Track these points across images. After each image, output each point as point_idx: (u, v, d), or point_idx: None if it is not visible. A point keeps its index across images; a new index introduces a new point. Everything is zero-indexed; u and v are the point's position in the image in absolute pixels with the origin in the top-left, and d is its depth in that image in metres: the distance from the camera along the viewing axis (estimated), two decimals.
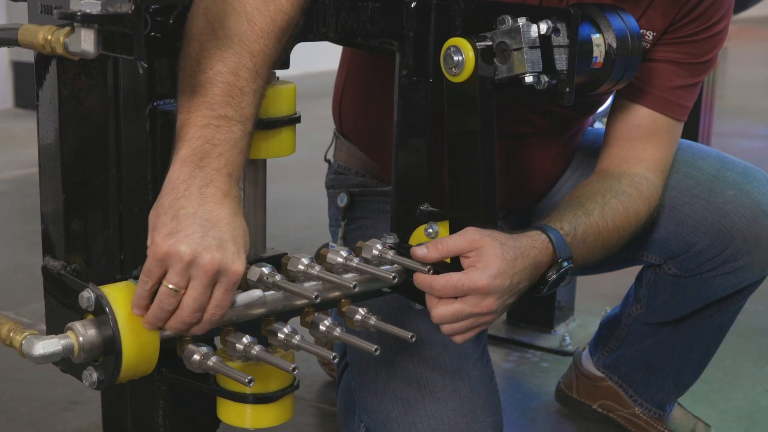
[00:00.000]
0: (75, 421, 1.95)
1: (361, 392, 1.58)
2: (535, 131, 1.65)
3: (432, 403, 1.50)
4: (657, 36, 1.50)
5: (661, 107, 1.54)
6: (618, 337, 1.88)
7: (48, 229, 1.29)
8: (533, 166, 1.69)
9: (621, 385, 1.92)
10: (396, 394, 1.53)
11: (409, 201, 1.38)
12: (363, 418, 1.58)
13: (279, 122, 1.20)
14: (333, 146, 1.82)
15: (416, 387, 1.52)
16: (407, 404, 1.52)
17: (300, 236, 3.20)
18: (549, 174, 1.74)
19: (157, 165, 1.20)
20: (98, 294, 1.09)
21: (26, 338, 1.08)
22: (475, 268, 1.24)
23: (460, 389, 1.52)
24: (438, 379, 1.51)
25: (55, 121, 1.24)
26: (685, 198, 1.60)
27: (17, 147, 4.32)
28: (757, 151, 4.55)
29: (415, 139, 1.37)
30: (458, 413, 1.51)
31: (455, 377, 1.52)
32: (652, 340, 1.81)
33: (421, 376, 1.52)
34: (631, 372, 1.90)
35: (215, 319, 1.12)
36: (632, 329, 1.83)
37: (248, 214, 1.25)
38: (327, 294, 1.25)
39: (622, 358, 1.90)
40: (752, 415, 2.05)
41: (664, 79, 1.53)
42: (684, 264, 1.62)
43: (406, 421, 1.51)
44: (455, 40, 1.24)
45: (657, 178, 1.55)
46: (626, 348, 1.88)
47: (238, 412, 1.23)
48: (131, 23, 1.00)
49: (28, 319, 2.35)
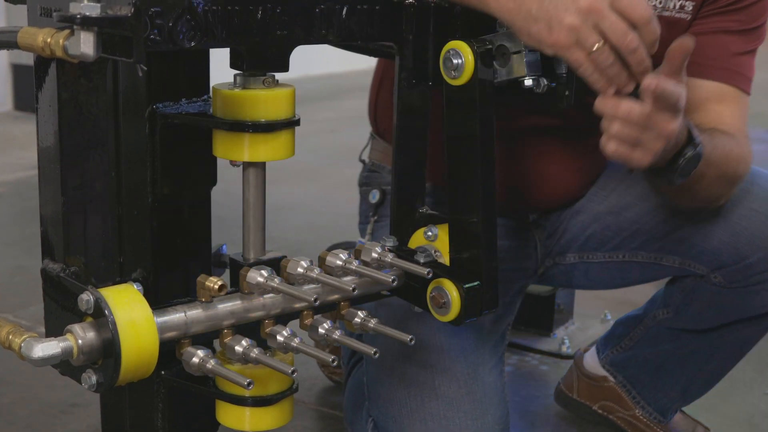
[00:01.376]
0: (74, 424, 1.94)
1: (374, 386, 1.58)
2: (558, 126, 1.64)
3: (445, 403, 1.51)
4: (697, 6, 1.50)
5: (725, 77, 1.53)
6: (634, 337, 1.86)
7: (47, 232, 1.29)
8: (548, 167, 1.68)
9: (625, 386, 1.91)
10: (409, 390, 1.54)
11: (408, 204, 1.38)
12: (372, 412, 1.59)
13: (278, 125, 1.20)
14: (369, 147, 1.82)
15: (430, 386, 1.52)
16: (419, 402, 1.53)
17: (299, 239, 3.20)
18: (564, 180, 1.72)
19: (157, 168, 1.20)
20: (97, 296, 1.09)
21: (25, 341, 1.08)
22: None
23: (473, 393, 1.53)
24: (453, 380, 1.52)
25: (54, 123, 1.24)
26: (743, 211, 1.60)
27: (16, 149, 4.32)
28: (756, 154, 4.54)
29: (414, 142, 1.37)
30: (469, 416, 1.52)
31: (470, 381, 1.53)
32: (670, 345, 1.80)
33: (436, 375, 1.53)
34: (639, 374, 1.89)
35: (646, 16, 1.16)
36: (652, 331, 1.82)
37: (248, 216, 1.25)
38: (326, 297, 1.25)
39: (633, 358, 1.88)
40: (751, 419, 2.05)
41: (720, 48, 1.52)
42: (732, 275, 1.61)
43: (417, 419, 1.52)
44: (455, 43, 1.24)
45: (744, 139, 1.54)
46: (640, 349, 1.86)
47: (237, 414, 1.23)
48: (131, 26, 1.00)
49: (27, 322, 2.35)
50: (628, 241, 1.71)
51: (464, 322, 1.26)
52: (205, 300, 1.17)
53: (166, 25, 1.05)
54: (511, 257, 1.72)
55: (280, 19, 1.15)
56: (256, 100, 1.18)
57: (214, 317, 1.17)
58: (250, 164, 1.23)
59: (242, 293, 1.20)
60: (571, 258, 1.76)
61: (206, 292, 1.17)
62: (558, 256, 1.77)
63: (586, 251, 1.75)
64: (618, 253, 1.72)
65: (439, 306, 1.27)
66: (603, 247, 1.73)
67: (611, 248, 1.72)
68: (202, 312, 1.17)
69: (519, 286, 1.77)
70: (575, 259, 1.76)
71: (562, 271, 1.78)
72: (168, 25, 1.05)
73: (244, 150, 1.19)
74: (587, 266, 1.76)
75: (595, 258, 1.75)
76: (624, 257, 1.72)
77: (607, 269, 1.75)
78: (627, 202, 1.71)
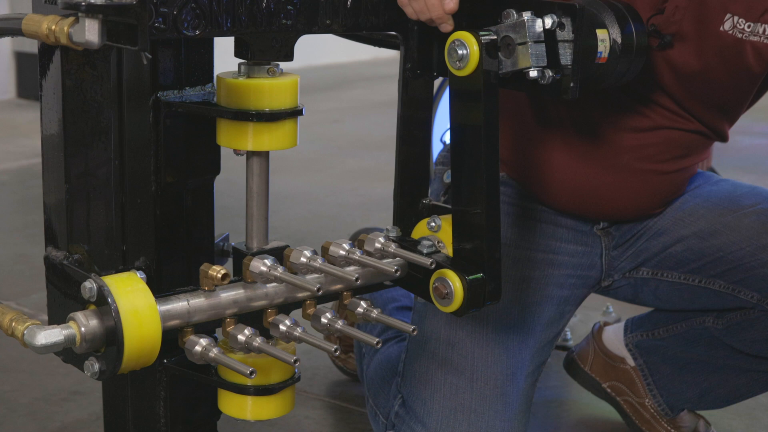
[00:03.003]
0: (76, 412, 1.95)
1: (411, 365, 1.59)
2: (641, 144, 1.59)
3: (478, 399, 1.52)
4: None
5: None
6: (671, 331, 1.82)
7: (50, 220, 1.29)
8: (624, 180, 1.63)
9: (643, 371, 1.87)
10: (446, 378, 1.55)
11: (412, 195, 1.38)
12: (403, 389, 1.60)
13: (282, 114, 1.20)
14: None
15: (468, 379, 1.53)
16: (453, 391, 1.54)
17: (302, 228, 3.20)
18: (637, 196, 1.66)
19: (160, 156, 1.20)
20: (100, 284, 1.09)
21: (28, 328, 1.08)
22: None
23: (507, 395, 1.54)
24: (491, 378, 1.53)
25: (58, 111, 1.24)
26: None
27: (19, 137, 4.32)
28: (757, 148, 4.55)
29: (417, 133, 1.36)
30: (498, 417, 1.53)
31: (506, 383, 1.54)
32: (706, 351, 1.76)
33: (475, 370, 1.53)
34: (662, 364, 1.86)
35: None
36: (693, 332, 1.78)
37: (251, 206, 1.25)
38: (329, 286, 1.25)
39: (663, 348, 1.85)
40: (752, 412, 2.05)
41: None
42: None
43: (447, 406, 1.53)
44: (460, 33, 1.24)
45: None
46: (673, 343, 1.82)
47: (239, 403, 1.23)
48: (136, 14, 1.00)
49: (30, 310, 2.35)
50: (709, 267, 1.67)
51: (467, 314, 1.26)
52: (208, 289, 1.17)
53: (170, 13, 1.05)
54: (574, 263, 1.69)
55: (284, 8, 1.15)
56: (261, 90, 1.18)
57: (216, 306, 1.18)
58: (254, 153, 1.23)
59: (245, 282, 1.20)
60: (644, 272, 1.72)
61: (209, 281, 1.17)
62: (630, 272, 1.73)
63: (661, 269, 1.71)
64: (695, 277, 1.69)
65: (441, 297, 1.27)
66: (681, 267, 1.69)
67: (689, 270, 1.69)
68: (205, 301, 1.17)
69: (578, 294, 1.72)
70: (648, 274, 1.72)
71: (631, 285, 1.75)
72: (173, 13, 1.05)
73: (248, 139, 1.19)
74: (658, 283, 1.72)
75: (669, 277, 1.71)
76: (700, 282, 1.68)
77: (678, 290, 1.72)
78: (715, 229, 1.67)
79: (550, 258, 1.66)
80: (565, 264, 1.67)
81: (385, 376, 1.72)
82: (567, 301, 1.69)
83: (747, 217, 1.65)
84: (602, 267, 1.71)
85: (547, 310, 1.65)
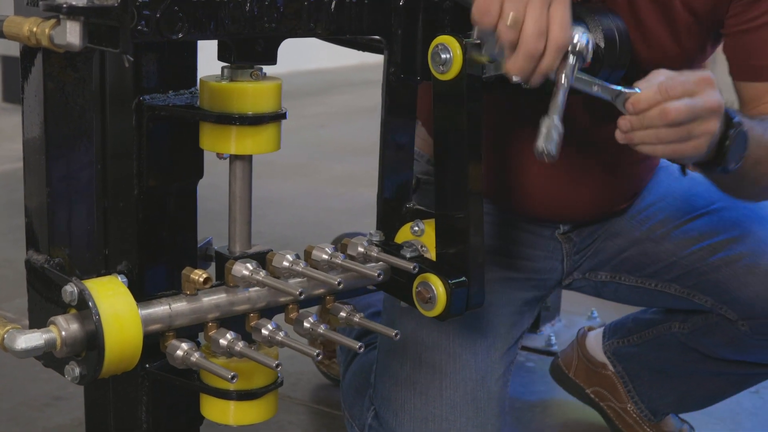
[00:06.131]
0: (57, 417, 1.94)
1: (381, 377, 1.59)
2: (594, 140, 1.60)
3: (448, 406, 1.52)
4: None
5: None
6: (643, 337, 1.84)
7: (32, 223, 1.28)
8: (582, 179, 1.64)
9: (623, 377, 1.89)
10: (415, 388, 1.54)
11: (395, 199, 1.38)
12: (375, 401, 1.59)
13: (265, 118, 1.19)
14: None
15: (437, 387, 1.53)
16: (423, 401, 1.54)
17: (286, 234, 3.20)
18: (597, 194, 1.67)
19: (143, 160, 1.20)
20: (81, 288, 1.08)
21: (8, 332, 1.08)
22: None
23: (478, 400, 1.53)
24: (460, 385, 1.53)
25: (40, 114, 1.23)
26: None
27: (5, 141, 4.30)
28: None
29: (401, 138, 1.36)
30: (471, 423, 1.53)
31: (476, 388, 1.53)
32: (678, 356, 1.78)
33: (444, 377, 1.54)
34: (640, 370, 1.87)
35: (561, 41, 1.13)
36: (663, 338, 1.80)
37: (234, 210, 1.25)
38: (311, 291, 1.25)
39: (638, 355, 1.87)
40: (736, 417, 2.05)
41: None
42: (760, 327, 1.61)
43: (419, 417, 1.53)
44: (443, 38, 1.24)
45: None
46: (646, 349, 1.84)
47: (222, 408, 1.23)
48: (117, 16, 0.99)
49: (13, 315, 2.33)
50: (663, 272, 1.68)
51: (449, 318, 1.26)
52: (190, 293, 1.17)
53: (153, 15, 1.04)
54: (536, 267, 1.70)
55: (268, 11, 1.15)
56: (244, 93, 1.18)
57: (198, 310, 1.17)
58: (237, 157, 1.23)
59: (227, 286, 1.19)
60: (602, 276, 1.74)
61: (191, 285, 1.16)
62: (589, 272, 1.75)
63: (619, 272, 1.73)
64: (651, 281, 1.70)
65: (424, 301, 1.27)
66: (637, 272, 1.71)
67: (645, 275, 1.70)
68: (187, 305, 1.16)
69: (539, 296, 1.74)
70: (607, 278, 1.74)
71: (591, 285, 1.77)
72: (156, 16, 1.04)
73: (230, 143, 1.19)
74: (617, 286, 1.74)
75: (627, 281, 1.73)
76: (656, 286, 1.70)
77: (637, 292, 1.73)
78: (668, 232, 1.68)
79: (510, 262, 1.66)
80: (526, 268, 1.68)
81: (359, 387, 1.71)
82: (529, 303, 1.70)
83: (699, 218, 1.66)
84: (563, 270, 1.73)
85: (510, 313, 1.65)
